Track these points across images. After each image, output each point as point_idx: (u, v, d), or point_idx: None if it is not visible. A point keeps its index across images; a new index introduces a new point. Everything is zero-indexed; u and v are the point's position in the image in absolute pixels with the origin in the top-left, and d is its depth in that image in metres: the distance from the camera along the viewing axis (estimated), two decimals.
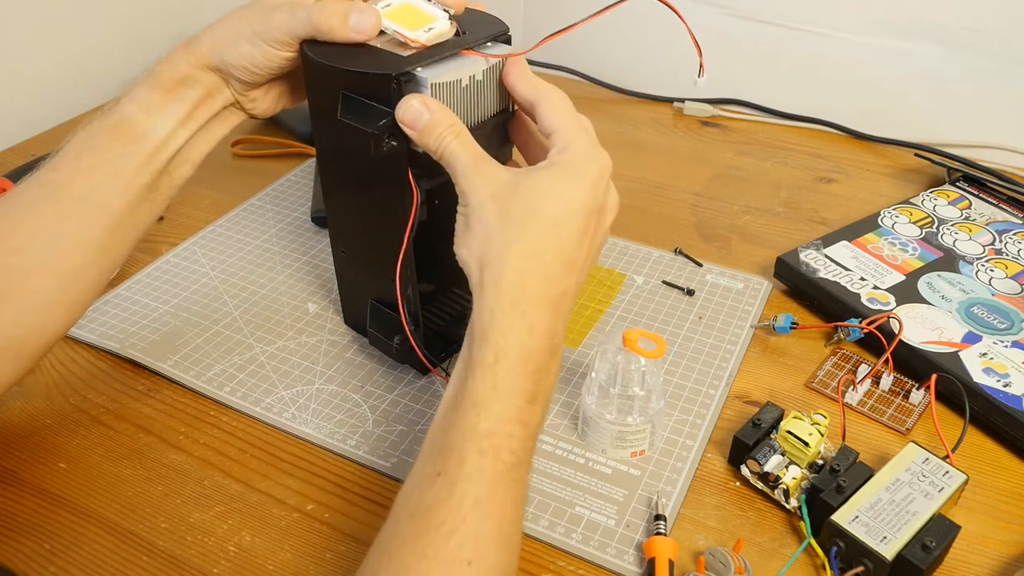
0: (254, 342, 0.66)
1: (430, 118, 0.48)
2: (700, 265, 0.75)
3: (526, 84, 0.50)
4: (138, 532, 0.52)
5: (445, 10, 0.52)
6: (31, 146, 0.93)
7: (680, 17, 0.51)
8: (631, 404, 0.55)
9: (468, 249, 0.46)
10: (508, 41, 0.54)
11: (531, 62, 0.46)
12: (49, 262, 0.52)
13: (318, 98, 0.54)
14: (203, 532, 0.52)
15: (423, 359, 0.58)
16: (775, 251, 0.73)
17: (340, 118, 0.51)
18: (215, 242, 0.77)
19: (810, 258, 0.71)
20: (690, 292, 0.71)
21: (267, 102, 0.59)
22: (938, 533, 0.48)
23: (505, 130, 0.55)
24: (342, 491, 0.55)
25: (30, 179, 0.53)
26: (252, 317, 0.68)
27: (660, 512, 0.51)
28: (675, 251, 0.76)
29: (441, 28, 0.51)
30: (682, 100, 1.03)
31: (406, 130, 0.48)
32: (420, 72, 0.49)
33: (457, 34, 0.52)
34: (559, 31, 0.51)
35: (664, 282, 0.73)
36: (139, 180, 0.54)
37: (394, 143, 0.50)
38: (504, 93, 0.53)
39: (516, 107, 0.54)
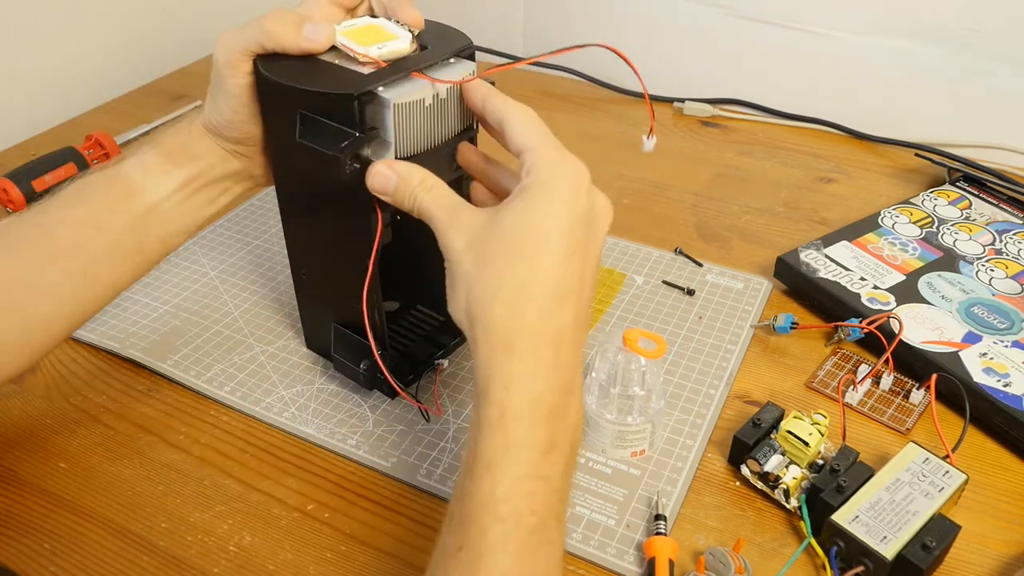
0: (254, 342, 0.66)
1: (398, 180, 0.46)
2: (700, 265, 0.75)
3: (493, 103, 0.47)
4: (138, 532, 0.52)
5: (410, 30, 0.51)
6: (31, 146, 0.93)
7: (635, 71, 0.49)
8: (631, 404, 0.55)
9: (456, 307, 0.43)
10: (472, 56, 0.52)
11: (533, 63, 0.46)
12: (17, 307, 0.50)
13: (273, 119, 0.52)
14: (203, 532, 0.52)
15: (393, 383, 0.55)
16: (775, 251, 0.73)
17: (299, 140, 0.49)
18: (215, 242, 0.77)
19: (810, 258, 0.71)
20: (690, 292, 0.71)
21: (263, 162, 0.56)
22: (938, 533, 0.48)
23: (475, 146, 0.53)
24: (342, 491, 0.55)
25: (19, 217, 0.52)
26: (252, 317, 0.68)
27: (660, 512, 0.51)
28: (675, 251, 0.76)
29: (397, 46, 0.49)
30: (682, 100, 1.03)
31: (381, 198, 0.47)
32: (383, 92, 0.47)
33: (422, 50, 0.50)
34: (510, 63, 0.50)
35: (664, 282, 0.73)
36: (126, 239, 0.52)
37: (357, 165, 0.48)
38: (468, 110, 0.51)
39: (476, 128, 0.53)
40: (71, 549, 0.51)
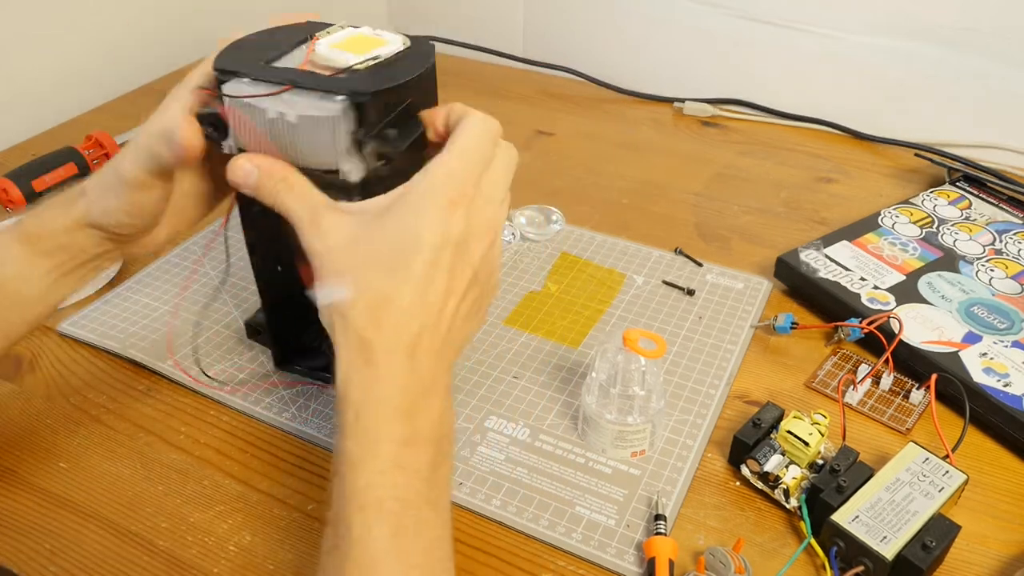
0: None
1: (259, 175, 0.45)
2: (700, 265, 0.75)
3: (452, 110, 0.47)
4: (138, 532, 0.52)
5: (375, 57, 0.47)
6: (31, 146, 0.93)
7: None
8: (631, 404, 0.55)
9: (321, 312, 0.44)
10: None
11: (530, 62, 0.44)
12: None
13: None
14: (203, 532, 0.52)
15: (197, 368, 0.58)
16: (775, 251, 0.73)
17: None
18: (215, 242, 0.77)
19: (810, 258, 0.71)
20: (690, 292, 0.71)
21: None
22: (938, 533, 0.48)
23: (348, 191, 0.47)
24: None
25: None
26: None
27: (660, 512, 0.51)
28: (675, 251, 0.76)
29: (340, 56, 0.47)
30: (682, 100, 1.03)
31: (243, 191, 0.46)
32: (228, 79, 0.46)
33: (353, 73, 0.47)
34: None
35: (664, 282, 0.73)
36: None
37: (211, 129, 0.47)
38: (345, 151, 0.46)
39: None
40: (71, 549, 0.51)
